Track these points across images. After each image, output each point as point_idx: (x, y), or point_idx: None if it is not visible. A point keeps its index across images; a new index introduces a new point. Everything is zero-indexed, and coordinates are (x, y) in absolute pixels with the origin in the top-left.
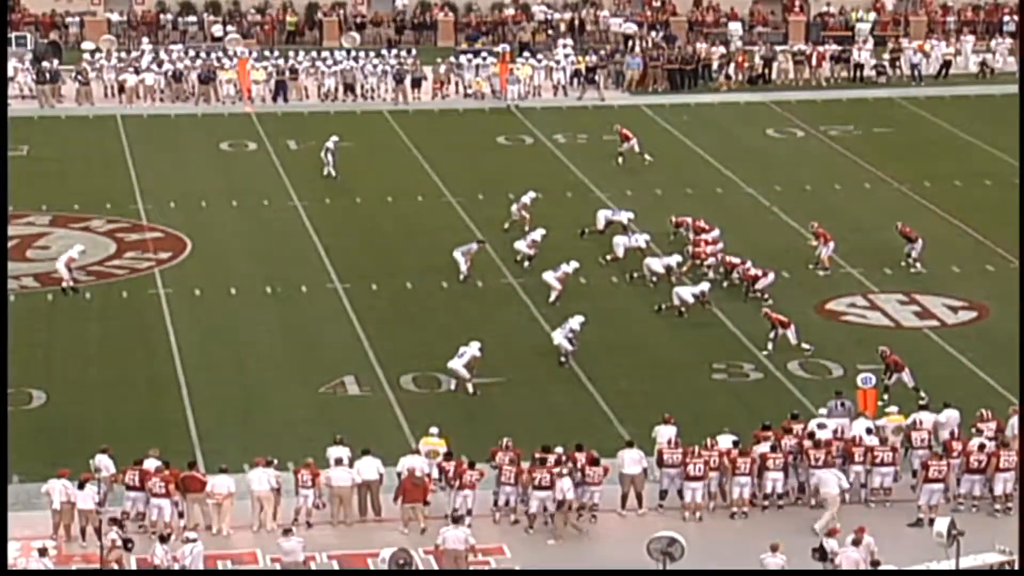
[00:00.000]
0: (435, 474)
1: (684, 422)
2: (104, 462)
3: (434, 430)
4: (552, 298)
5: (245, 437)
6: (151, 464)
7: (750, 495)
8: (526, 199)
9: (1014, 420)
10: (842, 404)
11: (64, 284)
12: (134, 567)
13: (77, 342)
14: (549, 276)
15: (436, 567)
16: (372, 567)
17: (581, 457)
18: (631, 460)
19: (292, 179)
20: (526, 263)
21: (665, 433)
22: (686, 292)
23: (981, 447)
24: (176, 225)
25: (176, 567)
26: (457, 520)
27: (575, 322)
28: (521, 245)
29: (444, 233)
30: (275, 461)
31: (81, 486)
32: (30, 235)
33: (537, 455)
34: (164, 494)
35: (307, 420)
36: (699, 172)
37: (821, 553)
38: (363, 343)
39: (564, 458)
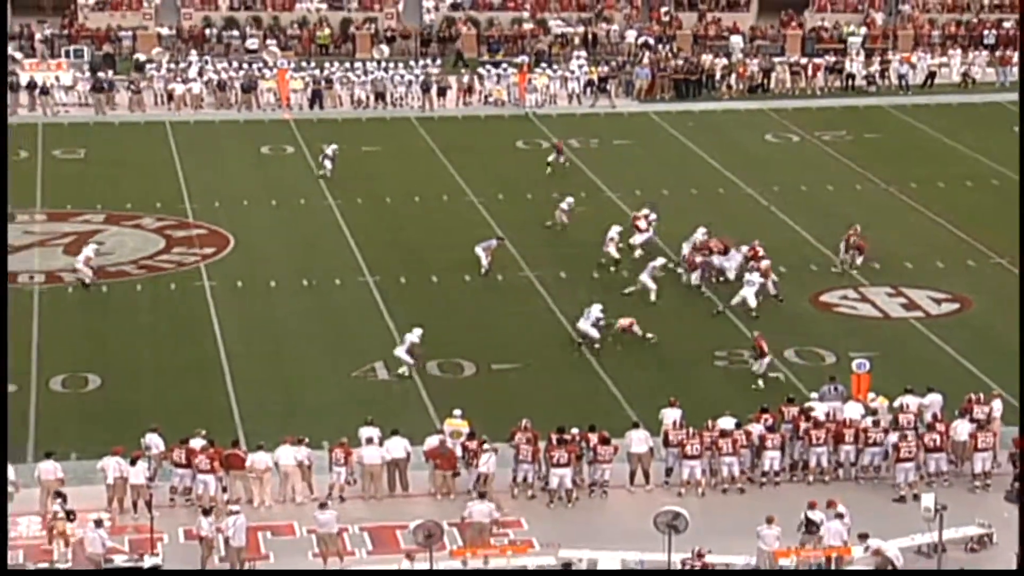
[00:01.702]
0: (458, 452)
1: (688, 405)
2: (154, 440)
3: (457, 412)
4: (652, 299)
5: (282, 418)
6: (197, 443)
7: (739, 472)
8: (564, 205)
9: (995, 403)
10: (835, 388)
11: (87, 280)
12: (77, 536)
13: (129, 331)
14: (645, 277)
15: (460, 540)
16: (401, 538)
17: (593, 437)
18: (638, 440)
19: (327, 180)
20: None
21: (671, 415)
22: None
23: (931, 427)
24: (220, 223)
25: (220, 538)
26: (483, 495)
27: (596, 310)
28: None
29: (467, 230)
30: (306, 439)
31: (133, 462)
32: (86, 232)
33: (553, 435)
34: (209, 470)
35: (340, 402)
36: (702, 174)
37: (807, 524)
38: (392, 332)
39: (578, 438)
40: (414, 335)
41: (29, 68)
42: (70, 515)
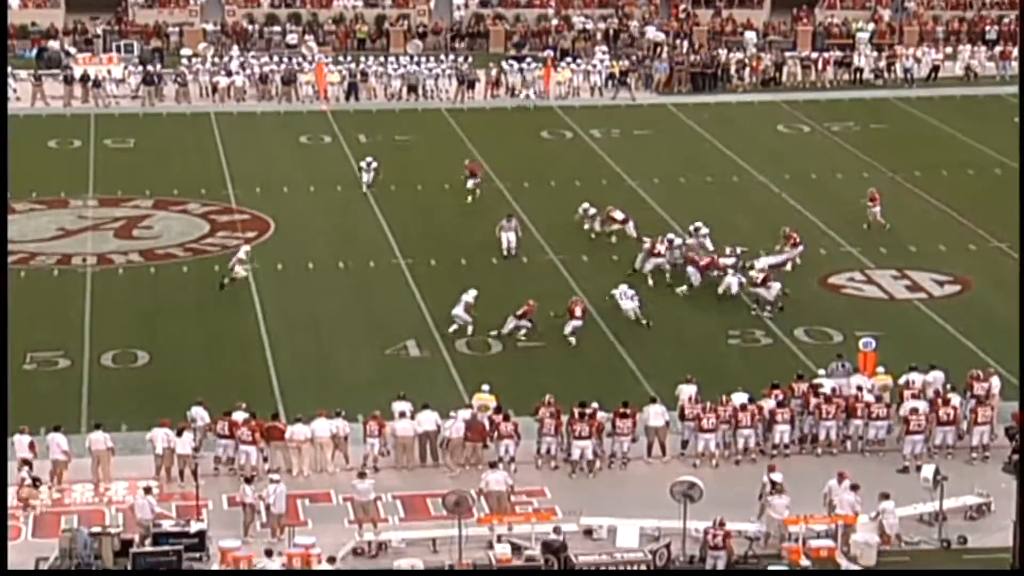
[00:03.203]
0: (487, 426)
1: (703, 381)
2: (199, 413)
3: (485, 387)
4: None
5: (319, 392)
6: (239, 415)
7: (754, 444)
8: (617, 215)
9: (994, 380)
10: (843, 365)
11: (233, 278)
12: (46, 502)
13: (176, 310)
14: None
15: (486, 508)
16: (431, 507)
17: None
18: (655, 414)
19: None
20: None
21: (687, 391)
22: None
23: (946, 401)
24: (261, 208)
25: (261, 505)
26: (493, 464)
27: (625, 288)
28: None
29: (495, 215)
30: (343, 412)
31: (179, 433)
32: (136, 216)
33: (576, 410)
34: (251, 441)
35: (374, 378)
36: (718, 163)
37: (772, 485)
38: (423, 311)
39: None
40: (469, 296)
41: (82, 62)
42: (36, 482)
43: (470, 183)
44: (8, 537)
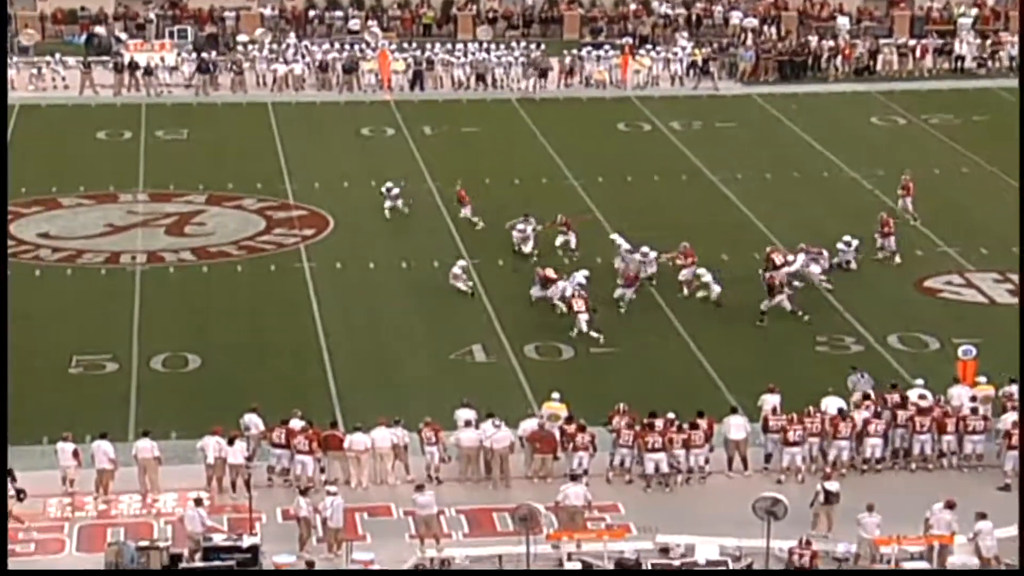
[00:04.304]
0: (557, 436)
1: (787, 391)
2: (253, 420)
3: (555, 395)
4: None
5: (380, 399)
6: (295, 424)
7: (847, 458)
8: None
9: None
10: (862, 376)
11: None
12: (16, 511)
13: (230, 311)
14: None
15: (556, 523)
16: (498, 522)
17: (702, 423)
18: (736, 426)
19: (427, 162)
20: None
21: (770, 401)
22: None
23: None
24: (320, 204)
25: (318, 519)
26: (575, 477)
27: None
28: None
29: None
30: (401, 420)
31: (231, 442)
32: (188, 212)
33: (646, 420)
34: (308, 451)
35: (437, 384)
36: (806, 157)
37: (826, 496)
38: (490, 314)
39: (670, 424)
40: (580, 276)
41: (133, 49)
42: (20, 494)
43: (464, 212)
44: (55, 551)
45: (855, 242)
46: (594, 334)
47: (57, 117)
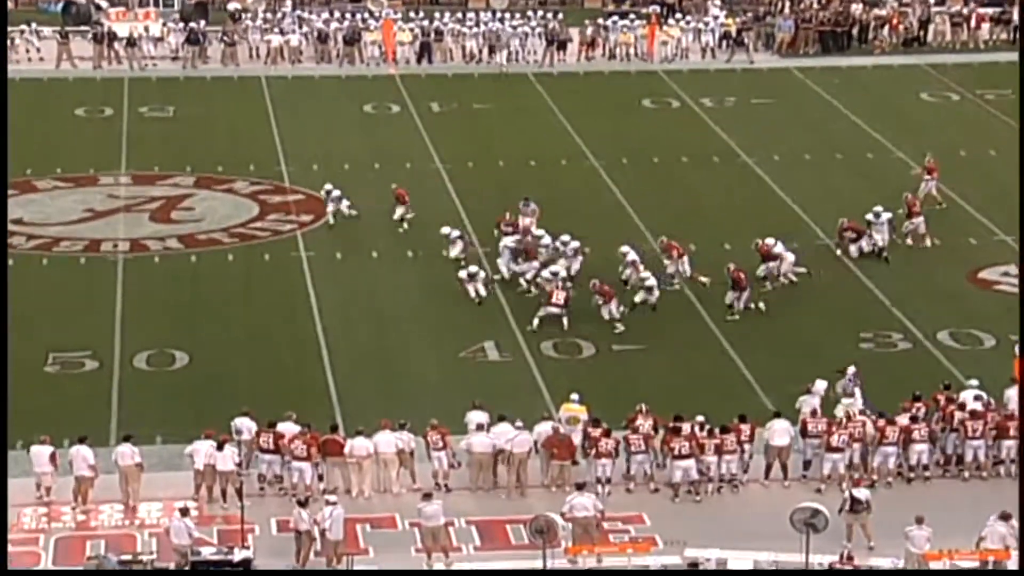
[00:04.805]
0: (576, 440)
1: (828, 392)
2: (245, 424)
3: (575, 396)
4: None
5: (384, 401)
6: (289, 427)
7: (894, 465)
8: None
9: None
10: (851, 379)
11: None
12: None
13: (220, 304)
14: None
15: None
16: (511, 534)
17: (745, 428)
18: (780, 431)
19: (435, 142)
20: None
21: (809, 403)
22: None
23: None
24: (319, 187)
25: (316, 531)
26: (581, 486)
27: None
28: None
29: (588, 198)
30: (407, 424)
31: (220, 447)
32: (175, 196)
33: (671, 424)
34: (305, 457)
35: (446, 384)
36: (849, 136)
37: (852, 503)
38: (504, 308)
39: (700, 427)
40: (631, 254)
41: (115, 18)
42: None
43: (399, 211)
44: (29, 564)
45: (886, 215)
46: (534, 322)
47: (31, 92)
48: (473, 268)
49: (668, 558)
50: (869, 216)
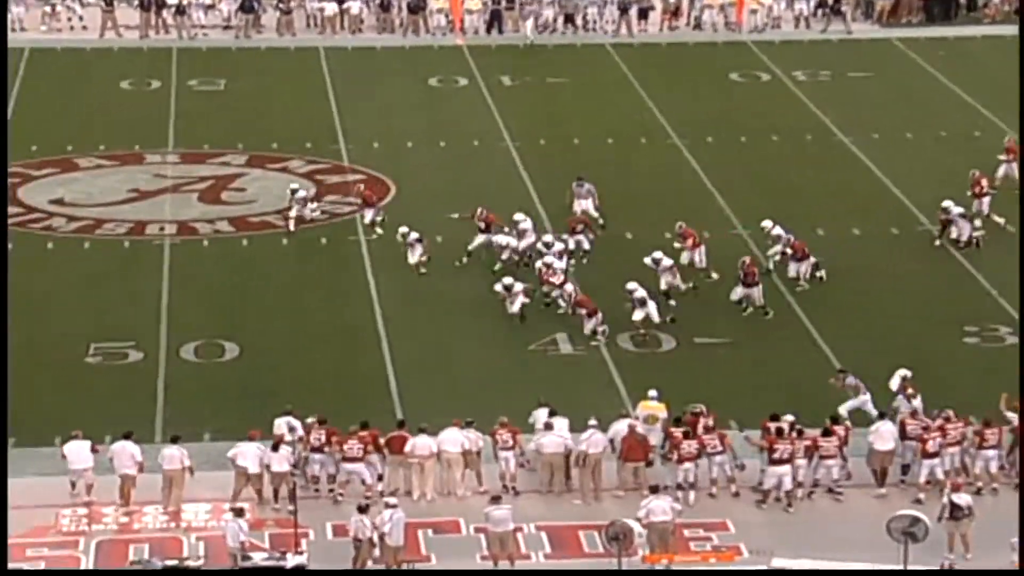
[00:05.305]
0: (653, 440)
1: (929, 391)
2: (292, 423)
3: (653, 393)
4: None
5: (447, 395)
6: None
7: (996, 469)
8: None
9: None
10: (850, 378)
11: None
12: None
13: (273, 291)
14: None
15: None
16: (584, 541)
17: (839, 430)
18: (885, 434)
19: (505, 118)
20: None
21: (908, 404)
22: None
23: None
24: (379, 167)
25: (375, 536)
26: (656, 490)
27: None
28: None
29: (669, 178)
30: (474, 422)
31: (275, 448)
32: (225, 176)
33: (771, 424)
34: (359, 457)
35: (514, 379)
36: (954, 113)
37: (952, 509)
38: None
39: (791, 428)
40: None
41: None
42: None
43: (368, 216)
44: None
45: (957, 209)
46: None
47: (73, 63)
48: (508, 280)
49: (754, 568)
50: (949, 203)
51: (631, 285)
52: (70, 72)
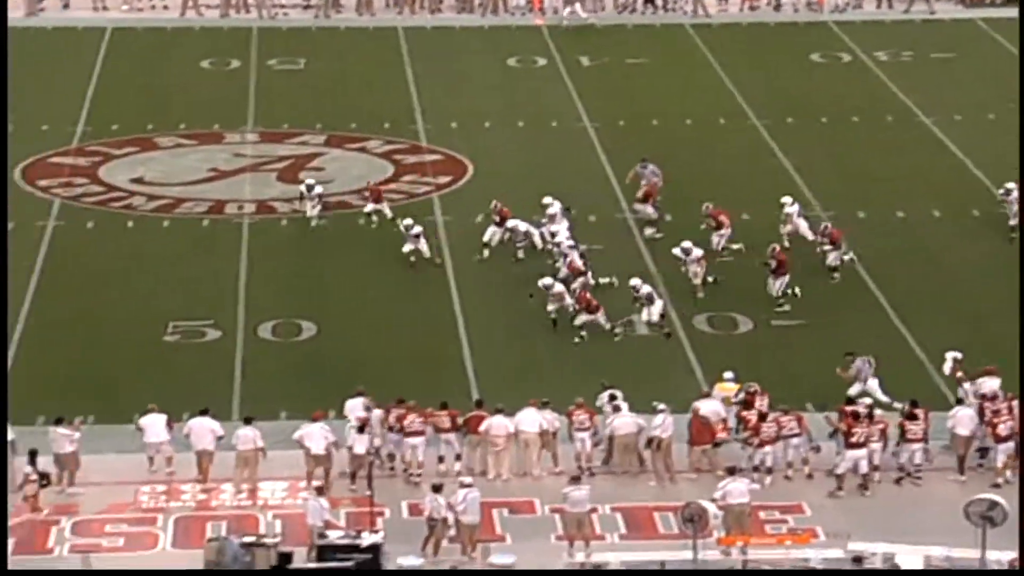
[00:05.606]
0: (731, 422)
1: (1011, 373)
2: (365, 405)
3: (729, 375)
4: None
5: (524, 376)
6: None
7: None
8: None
9: None
10: (868, 362)
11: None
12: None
13: (350, 271)
14: None
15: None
16: (659, 522)
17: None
18: (967, 419)
19: (584, 99)
20: None
21: (988, 385)
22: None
23: None
24: (457, 147)
25: (451, 516)
26: (732, 471)
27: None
28: None
29: (749, 160)
30: (550, 402)
31: (360, 430)
32: (303, 155)
33: (847, 407)
34: (419, 432)
35: (590, 360)
36: None
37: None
38: (656, 279)
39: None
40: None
41: None
42: (44, 479)
43: (369, 207)
44: (147, 546)
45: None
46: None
47: (154, 42)
48: (547, 280)
49: (830, 552)
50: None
51: (634, 281)
52: (151, 51)
